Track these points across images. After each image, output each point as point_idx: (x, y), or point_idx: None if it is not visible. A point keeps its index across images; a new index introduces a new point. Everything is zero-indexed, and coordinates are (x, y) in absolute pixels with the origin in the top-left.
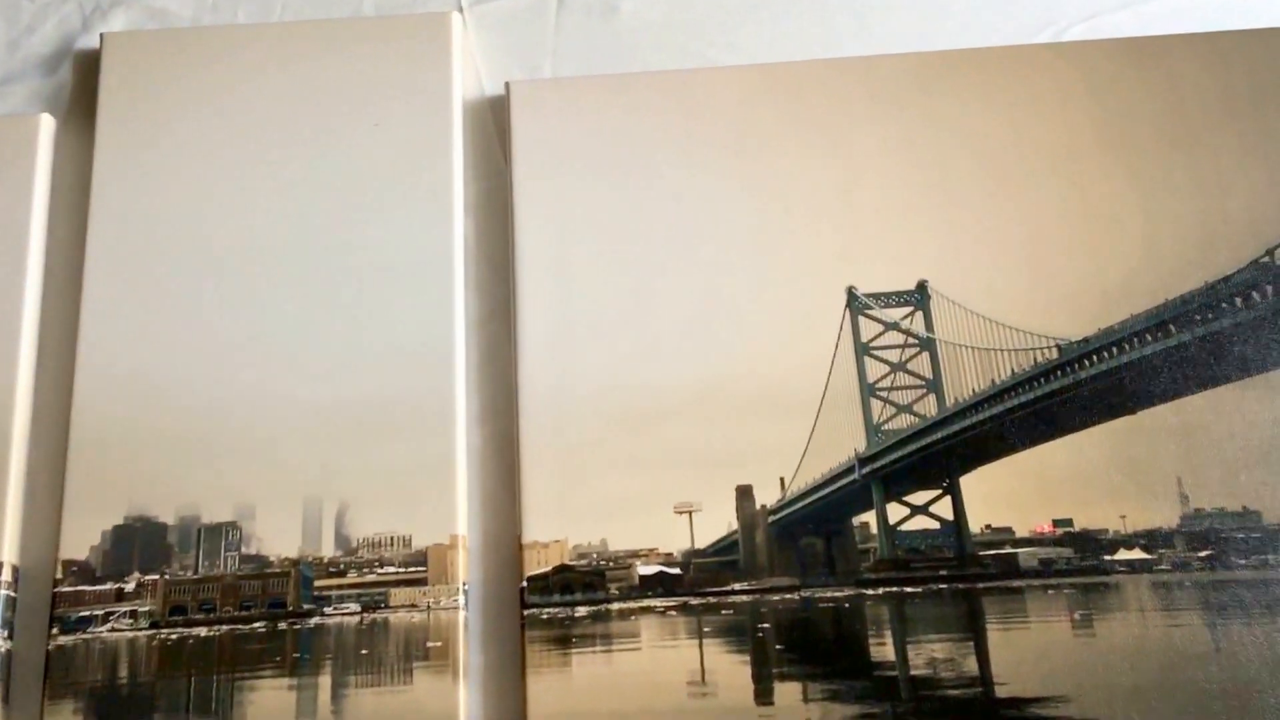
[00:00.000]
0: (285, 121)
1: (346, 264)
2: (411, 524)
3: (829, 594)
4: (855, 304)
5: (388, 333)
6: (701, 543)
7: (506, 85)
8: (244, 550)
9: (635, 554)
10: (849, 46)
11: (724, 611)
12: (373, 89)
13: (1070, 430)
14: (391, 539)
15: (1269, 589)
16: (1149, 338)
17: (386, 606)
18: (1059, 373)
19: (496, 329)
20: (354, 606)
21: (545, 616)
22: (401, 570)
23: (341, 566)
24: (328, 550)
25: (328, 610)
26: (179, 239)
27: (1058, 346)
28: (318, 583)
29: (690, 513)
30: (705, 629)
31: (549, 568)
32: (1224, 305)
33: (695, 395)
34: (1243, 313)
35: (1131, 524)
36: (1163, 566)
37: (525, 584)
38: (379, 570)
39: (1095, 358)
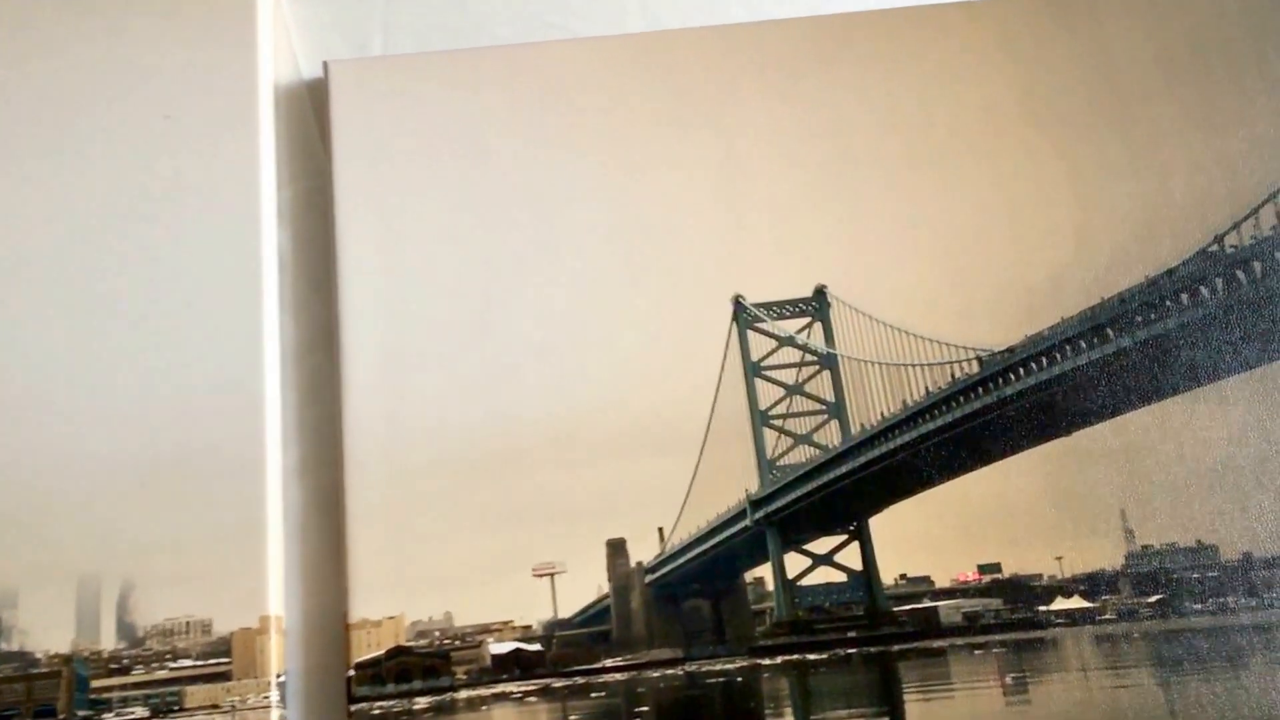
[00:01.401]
0: (55, 116)
1: (131, 287)
2: (212, 605)
3: (718, 666)
4: (743, 316)
5: (183, 371)
6: (566, 611)
7: (325, 66)
8: (3, 646)
9: (486, 629)
10: (733, 12)
11: (594, 694)
12: (162, 73)
13: (996, 457)
14: (187, 625)
15: (1229, 637)
16: (1083, 344)
17: (181, 709)
18: (981, 389)
19: (319, 361)
20: (141, 711)
21: (377, 711)
22: (200, 663)
23: (125, 662)
24: (108, 642)
25: (108, 717)
26: None
27: (979, 358)
28: (95, 683)
29: (552, 575)
30: (571, 716)
31: (381, 651)
32: (1168, 303)
33: (556, 433)
34: (1190, 311)
35: (1069, 566)
36: (1107, 616)
37: (352, 673)
38: (171, 665)
39: (1022, 370)
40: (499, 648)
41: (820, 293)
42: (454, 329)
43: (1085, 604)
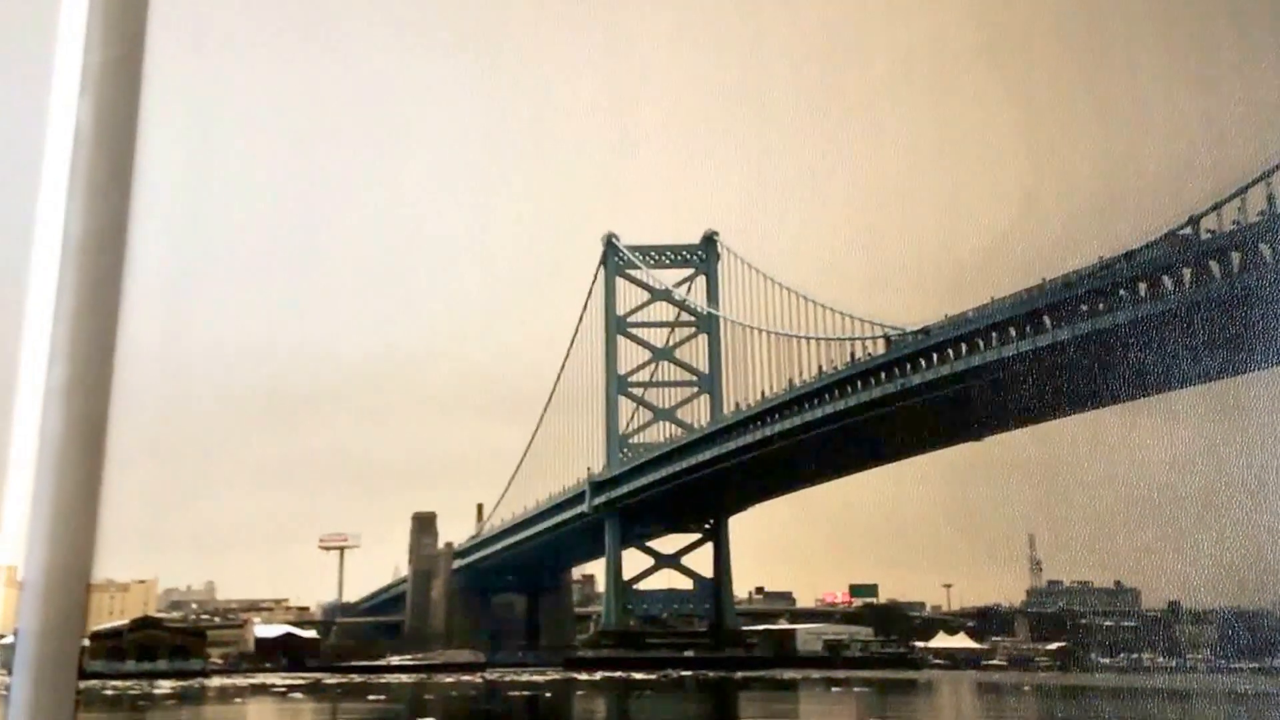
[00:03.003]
0: None
1: None
2: None
3: (526, 677)
4: (614, 260)
5: None
6: (354, 594)
7: None
8: None
9: (254, 606)
10: None
11: (372, 696)
12: None
13: (890, 458)
14: None
15: (1138, 703)
16: (1013, 333)
17: None
18: (884, 375)
19: (107, 263)
20: None
21: (110, 692)
22: None
23: None
24: None
25: None
26: None
27: (886, 337)
28: None
29: (342, 549)
30: None
31: (126, 620)
32: (1122, 293)
33: (370, 378)
34: (1146, 305)
35: (959, 597)
36: (995, 661)
37: (87, 643)
38: None
39: (935, 356)
40: (266, 630)
41: (709, 241)
42: (264, 241)
43: (972, 644)
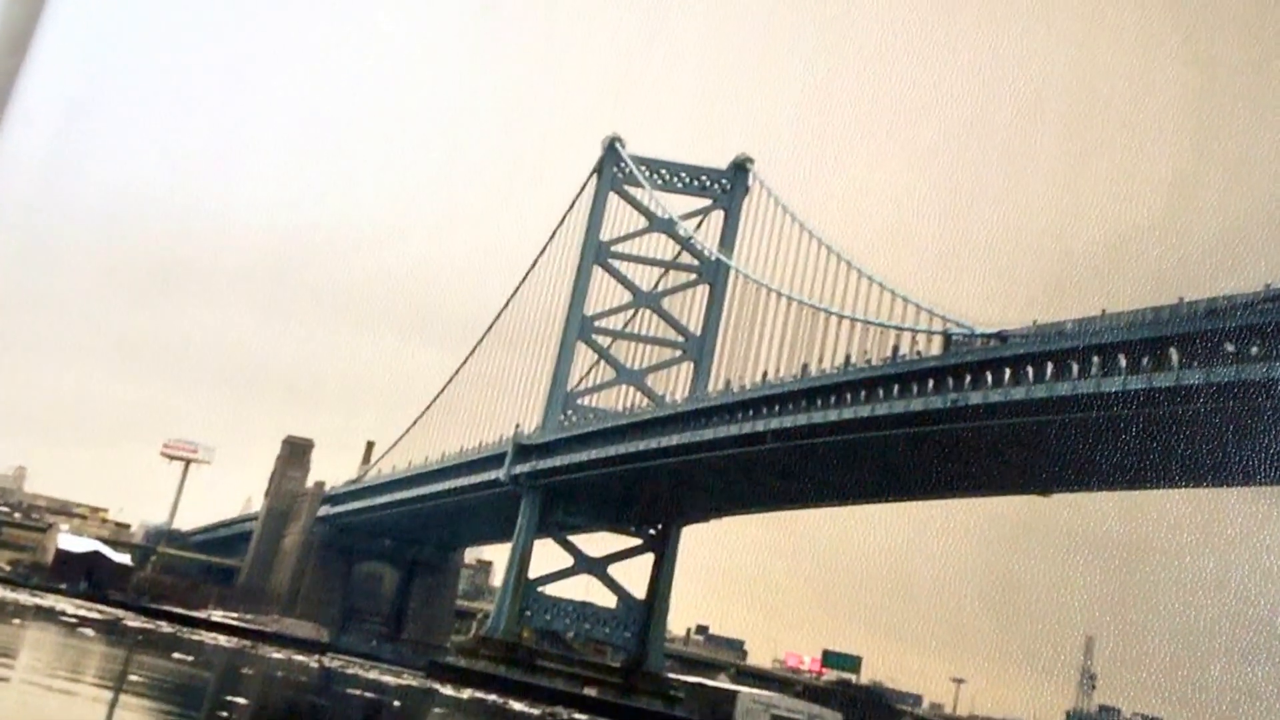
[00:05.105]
0: None
1: None
2: None
3: (374, 674)
4: (613, 169)
5: None
6: (189, 520)
7: None
8: None
9: (65, 509)
10: None
11: (178, 655)
12: None
13: (916, 495)
14: None
15: None
16: (1123, 362)
17: None
18: (932, 383)
19: (10, 69)
20: None
21: None
22: None
23: None
24: None
25: None
26: None
27: (947, 335)
28: None
29: (188, 462)
30: (134, 676)
31: None
32: None
33: (280, 260)
34: None
35: (972, 700)
36: None
37: None
38: None
39: (1008, 373)
40: (72, 543)
41: (740, 169)
42: (190, 77)
43: None
